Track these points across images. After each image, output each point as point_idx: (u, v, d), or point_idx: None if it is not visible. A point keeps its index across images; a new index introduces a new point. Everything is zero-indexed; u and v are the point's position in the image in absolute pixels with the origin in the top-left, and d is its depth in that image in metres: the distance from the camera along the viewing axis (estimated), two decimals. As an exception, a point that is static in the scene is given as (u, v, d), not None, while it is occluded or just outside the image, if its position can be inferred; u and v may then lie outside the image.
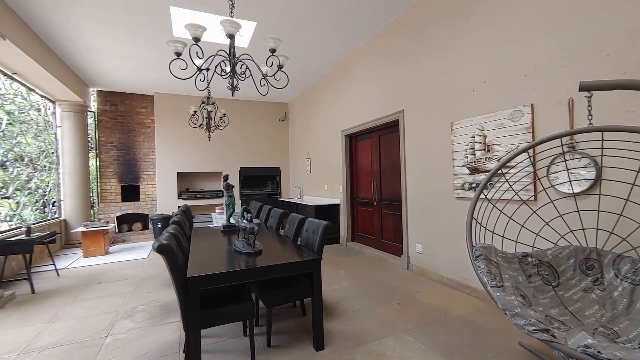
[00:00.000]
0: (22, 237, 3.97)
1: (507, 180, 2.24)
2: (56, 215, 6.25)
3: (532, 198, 2.61)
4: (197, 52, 2.67)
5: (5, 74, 4.65)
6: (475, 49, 3.13)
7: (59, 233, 5.27)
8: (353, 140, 5.64)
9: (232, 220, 3.62)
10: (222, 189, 3.66)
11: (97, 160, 7.17)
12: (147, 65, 5.69)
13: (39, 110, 6.01)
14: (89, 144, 7.01)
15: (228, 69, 2.80)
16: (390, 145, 4.65)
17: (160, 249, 1.86)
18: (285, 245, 2.74)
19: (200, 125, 5.51)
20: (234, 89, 2.87)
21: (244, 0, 3.69)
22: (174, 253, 1.94)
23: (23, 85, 5.23)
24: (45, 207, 5.98)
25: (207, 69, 2.83)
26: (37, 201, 5.78)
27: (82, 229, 5.42)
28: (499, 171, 2.16)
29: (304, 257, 2.29)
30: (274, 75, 3.09)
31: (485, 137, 3.03)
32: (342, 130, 5.69)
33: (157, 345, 2.36)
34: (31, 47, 4.25)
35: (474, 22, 3.13)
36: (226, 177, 3.54)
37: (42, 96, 5.94)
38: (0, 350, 2.35)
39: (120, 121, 7.28)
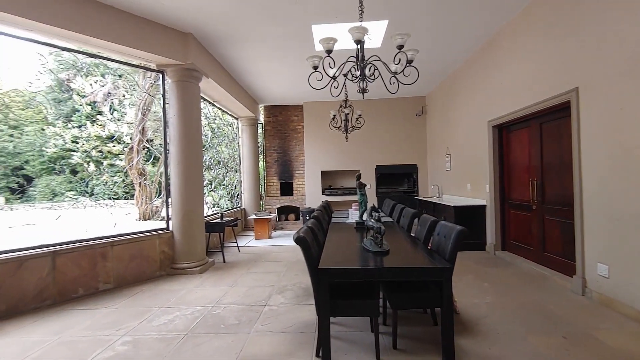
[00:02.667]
0: (218, 220, 5.45)
1: None
2: (239, 205, 8.23)
3: None
4: (329, 63, 2.93)
5: (209, 102, 6.49)
6: None
7: (239, 219, 6.92)
8: (504, 131, 4.77)
9: (364, 218, 3.79)
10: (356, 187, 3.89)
11: (264, 162, 8.95)
12: (297, 80, 6.64)
13: (230, 125, 8.06)
14: (259, 149, 8.84)
15: (358, 72, 2.94)
16: (556, 134, 3.69)
17: (297, 240, 2.19)
18: (415, 247, 2.65)
19: (339, 127, 5.99)
20: (363, 91, 2.99)
21: (378, 0, 3.75)
22: (309, 245, 2.23)
23: (219, 108, 7.14)
24: (232, 198, 7.99)
25: (345, 75, 3.04)
26: (228, 193, 7.79)
27: (254, 216, 6.93)
28: None
29: (433, 264, 2.16)
30: (402, 71, 3.01)
31: None
32: (488, 121, 4.91)
33: (299, 322, 2.78)
34: (223, 80, 5.73)
35: None
36: (359, 176, 3.72)
37: (230, 115, 7.92)
38: (204, 300, 3.36)
39: (279, 129, 8.80)
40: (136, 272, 4.06)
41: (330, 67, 3.00)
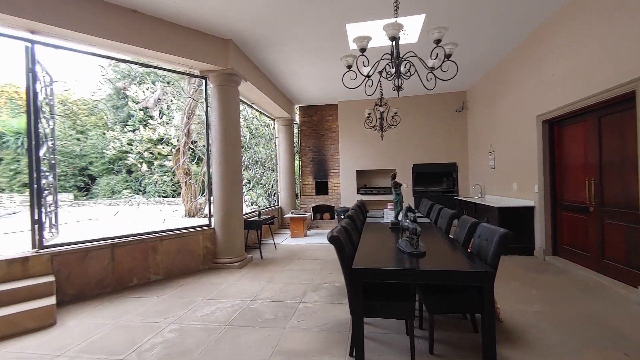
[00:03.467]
0: (256, 218, 5.66)
1: None
2: (275, 204, 8.46)
3: None
4: (363, 62, 2.91)
5: (247, 104, 6.75)
6: None
7: (276, 217, 7.12)
8: (555, 126, 4.39)
9: (399, 218, 3.71)
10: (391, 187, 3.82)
11: (299, 162, 9.11)
12: (331, 80, 6.66)
13: (267, 126, 8.33)
14: (294, 149, 9.01)
15: (393, 70, 2.89)
16: (617, 128, 3.32)
17: (331, 239, 2.21)
18: (454, 250, 2.55)
19: (374, 126, 5.91)
20: (398, 89, 2.93)
21: (411, -3, 3.65)
22: (343, 244, 2.25)
23: (257, 110, 7.40)
24: (269, 197, 8.25)
25: (379, 73, 3.00)
26: (265, 192, 8.06)
27: (289, 215, 7.09)
28: None
29: (473, 268, 2.07)
30: (440, 66, 2.90)
31: None
32: (537, 116, 4.54)
33: (333, 320, 2.80)
34: (260, 83, 5.93)
35: None
36: (394, 176, 3.66)
37: (267, 116, 8.18)
38: (243, 294, 3.52)
39: (315, 129, 8.89)
40: (182, 265, 4.36)
41: (365, 66, 2.98)
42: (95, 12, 3.46)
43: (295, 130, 9.17)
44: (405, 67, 2.93)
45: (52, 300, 2.97)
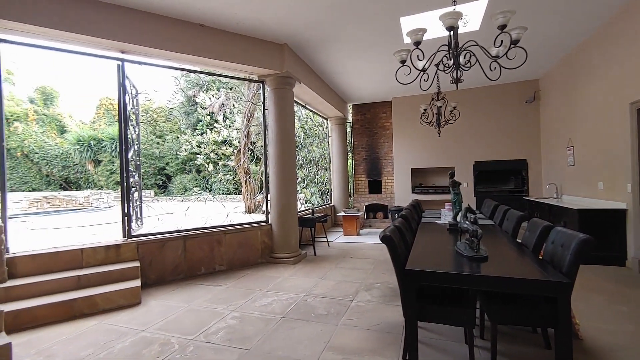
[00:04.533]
0: (310, 216, 5.82)
1: None
2: (328, 202, 8.58)
3: None
4: (417, 55, 2.79)
5: (301, 105, 6.96)
6: None
7: (329, 215, 7.22)
8: (658, 114, 3.69)
9: (458, 219, 3.49)
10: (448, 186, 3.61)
11: (352, 160, 9.10)
12: (385, 76, 6.52)
13: (320, 126, 8.49)
14: (347, 147, 9.03)
15: (451, 61, 2.73)
16: None
17: (383, 239, 2.18)
18: (521, 256, 2.32)
19: (431, 122, 5.63)
20: (457, 81, 2.77)
21: (472, -18, 3.39)
22: (395, 244, 2.21)
23: (310, 110, 7.58)
24: (323, 195, 8.40)
25: (436, 65, 2.86)
26: (319, 191, 8.23)
27: (342, 213, 7.13)
28: None
29: (544, 277, 1.86)
30: (505, 54, 2.65)
31: None
32: (631, 103, 3.86)
33: (385, 322, 2.77)
34: (313, 84, 6.07)
35: None
36: (452, 174, 3.45)
37: (320, 116, 8.32)
38: (297, 289, 3.66)
39: (368, 127, 8.79)
40: (242, 258, 4.70)
41: (419, 60, 2.86)
42: (170, 30, 3.91)
43: (348, 129, 9.17)
44: (465, 58, 2.75)
45: (137, 283, 3.45)
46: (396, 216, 7.40)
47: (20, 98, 17.13)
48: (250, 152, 8.11)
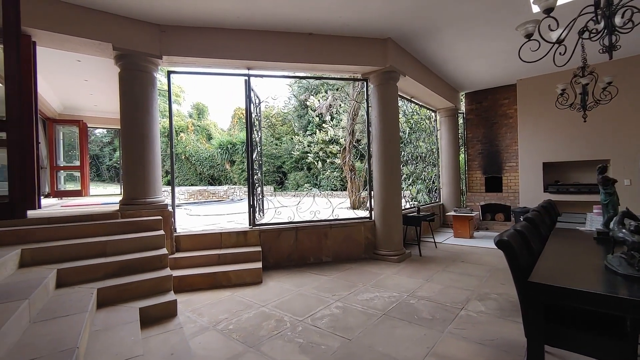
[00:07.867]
0: (415, 214, 5.56)
1: None
2: (437, 200, 7.99)
3: None
4: (549, 25, 2.30)
5: (406, 99, 6.69)
6: None
7: (437, 214, 6.73)
8: None
9: (610, 226, 2.73)
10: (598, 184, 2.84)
11: (465, 155, 8.19)
12: (506, 56, 5.60)
13: (428, 119, 7.99)
14: (459, 141, 8.18)
15: (601, 24, 2.17)
16: None
17: (499, 244, 1.92)
18: None
19: (572, 104, 4.54)
20: (611, 49, 2.18)
21: None
22: (515, 251, 1.91)
23: (416, 104, 7.21)
24: (430, 192, 7.88)
25: (579, 33, 2.32)
26: (426, 188, 7.77)
27: (453, 213, 6.54)
28: None
29: None
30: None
31: None
32: None
33: (502, 338, 2.43)
34: (419, 76, 5.75)
35: None
36: (601, 169, 2.72)
37: (427, 109, 7.81)
38: (400, 288, 3.58)
39: (484, 117, 7.74)
40: (346, 252, 4.89)
41: (551, 30, 2.37)
42: (285, 42, 4.40)
43: (460, 121, 8.28)
44: (622, 17, 2.13)
45: (259, 265, 4.05)
46: (521, 219, 6.29)
47: (183, 114, 22.47)
48: (355, 150, 8.31)
